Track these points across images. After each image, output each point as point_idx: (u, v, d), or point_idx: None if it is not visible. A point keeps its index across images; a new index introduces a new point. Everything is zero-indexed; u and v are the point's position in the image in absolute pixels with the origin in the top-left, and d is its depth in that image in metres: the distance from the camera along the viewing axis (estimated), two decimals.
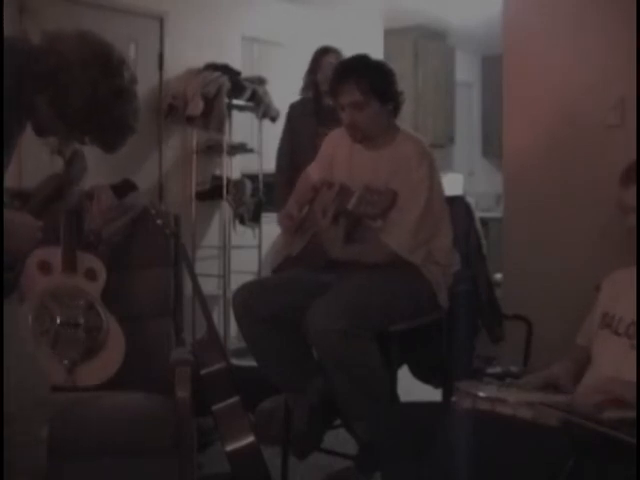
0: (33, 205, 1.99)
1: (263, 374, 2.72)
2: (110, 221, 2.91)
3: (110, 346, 2.65)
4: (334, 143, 2.86)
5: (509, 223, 3.81)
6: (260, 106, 5.32)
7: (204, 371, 2.50)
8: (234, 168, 5.44)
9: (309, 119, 3.98)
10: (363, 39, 6.31)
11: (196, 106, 5.05)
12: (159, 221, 2.78)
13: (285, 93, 4.31)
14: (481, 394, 1.87)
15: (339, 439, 3.09)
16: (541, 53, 3.66)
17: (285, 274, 2.78)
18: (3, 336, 1.86)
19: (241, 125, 5.48)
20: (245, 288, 2.70)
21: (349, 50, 2.86)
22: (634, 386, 1.76)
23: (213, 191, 5.37)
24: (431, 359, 2.89)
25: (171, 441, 2.36)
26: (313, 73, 4.08)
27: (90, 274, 2.77)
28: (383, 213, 2.49)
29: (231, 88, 5.12)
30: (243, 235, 5.45)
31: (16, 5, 4.50)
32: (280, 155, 4.15)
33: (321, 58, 4.07)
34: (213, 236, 5.66)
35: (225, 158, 5.28)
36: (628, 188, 1.96)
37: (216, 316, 5.26)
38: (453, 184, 7.10)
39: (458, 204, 2.98)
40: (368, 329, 2.46)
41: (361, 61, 2.69)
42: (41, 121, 1.91)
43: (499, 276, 3.71)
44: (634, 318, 1.92)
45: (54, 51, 1.84)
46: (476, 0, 6.16)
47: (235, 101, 5.20)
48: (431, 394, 3.02)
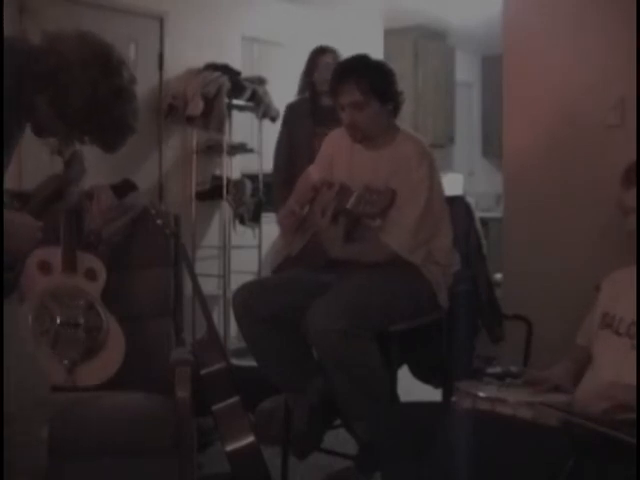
0: (33, 206, 1.99)
1: (263, 374, 2.72)
2: (110, 221, 2.91)
3: (110, 346, 2.65)
4: (334, 143, 2.86)
5: (509, 223, 3.80)
6: (260, 106, 5.31)
7: (204, 371, 2.50)
8: (234, 168, 5.44)
9: (306, 119, 3.96)
10: (363, 39, 6.31)
11: (196, 106, 5.05)
12: (159, 221, 2.79)
13: (285, 93, 4.31)
14: (481, 394, 1.88)
15: (339, 439, 3.09)
16: (541, 53, 3.65)
17: (285, 274, 2.78)
18: (3, 336, 1.86)
19: (241, 125, 5.47)
20: (245, 288, 2.70)
21: (349, 50, 2.85)
22: (634, 390, 1.76)
23: (213, 191, 5.37)
24: (431, 359, 2.89)
25: (171, 441, 2.36)
26: (310, 73, 4.05)
27: (90, 274, 2.77)
28: (382, 212, 2.49)
29: (231, 88, 5.12)
30: (243, 235, 5.45)
31: (16, 5, 4.50)
32: (277, 155, 4.14)
33: (318, 58, 4.04)
34: (213, 236, 5.65)
35: (225, 158, 5.28)
36: (628, 189, 1.96)
37: (216, 316, 5.26)
38: (453, 184, 7.10)
39: (458, 204, 2.98)
40: (368, 329, 2.46)
41: (361, 61, 2.69)
42: (41, 121, 1.91)
43: (499, 276, 3.71)
44: (634, 318, 1.92)
45: (54, 51, 1.84)
46: (476, 0, 6.16)
47: (235, 101, 5.20)
48: (431, 394, 3.02)
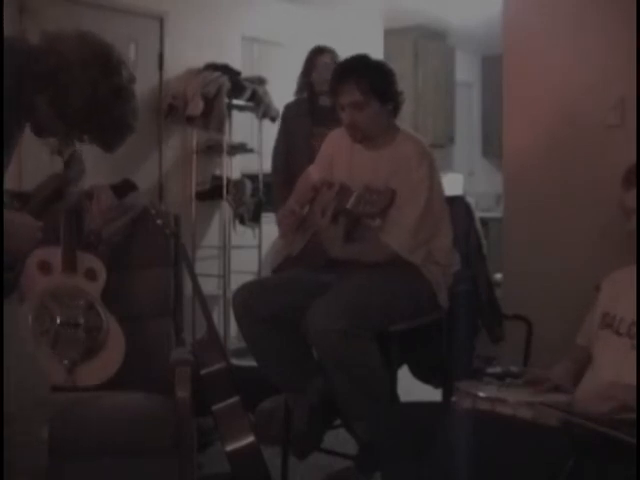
0: (33, 205, 1.99)
1: (263, 374, 2.72)
2: (110, 221, 2.91)
3: (110, 346, 2.65)
4: (334, 143, 2.86)
5: (509, 223, 3.81)
6: (260, 106, 5.31)
7: (204, 371, 2.50)
8: (234, 168, 5.44)
9: (304, 119, 3.96)
10: (363, 39, 6.31)
11: (196, 106, 5.05)
12: (159, 221, 2.78)
13: (285, 93, 4.30)
14: (481, 394, 1.87)
15: (339, 439, 3.09)
16: (541, 53, 3.66)
17: (285, 274, 2.78)
18: (3, 336, 1.86)
19: (241, 125, 5.48)
20: (245, 288, 2.70)
21: (349, 50, 2.85)
22: (635, 390, 1.75)
23: (213, 191, 5.37)
24: (431, 359, 2.89)
25: (171, 441, 2.36)
26: (308, 73, 4.05)
27: (90, 274, 2.77)
28: (382, 212, 2.49)
29: (231, 88, 5.12)
30: (243, 235, 5.45)
31: (16, 5, 4.50)
32: (276, 156, 4.13)
33: (316, 58, 4.03)
34: (213, 236, 5.65)
35: (225, 158, 5.28)
36: (629, 190, 1.95)
37: (216, 316, 5.26)
38: (453, 184, 7.10)
39: (458, 204, 2.98)
40: (368, 329, 2.46)
41: (361, 61, 2.69)
42: (40, 121, 1.91)
43: (499, 276, 3.71)
44: (635, 318, 1.91)
45: (54, 51, 1.84)
46: (476, 0, 6.16)
47: (235, 101, 5.20)
48: (431, 394, 3.02)
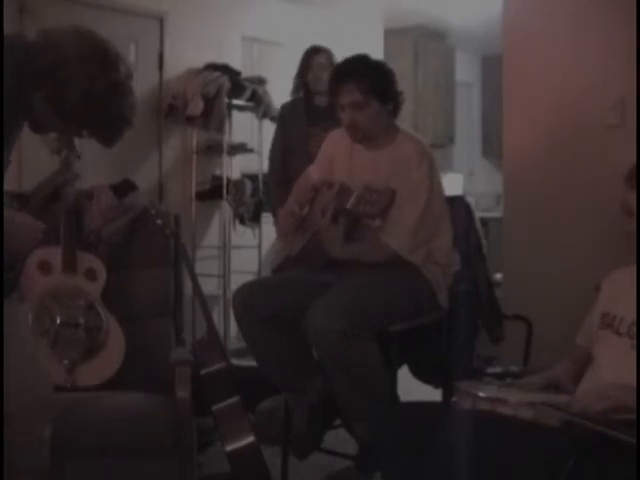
0: (33, 205, 1.99)
1: (263, 374, 2.72)
2: (110, 221, 2.90)
3: (110, 346, 2.64)
4: (334, 143, 2.86)
5: (509, 223, 3.81)
6: (260, 106, 5.31)
7: (204, 371, 2.50)
8: (234, 168, 5.44)
9: (300, 119, 3.95)
10: (363, 39, 6.31)
11: (196, 106, 5.05)
12: (159, 221, 2.78)
13: (285, 93, 4.30)
14: (481, 394, 1.87)
15: (339, 439, 3.08)
16: (541, 53, 3.66)
17: (285, 274, 2.78)
18: (3, 336, 1.86)
19: (241, 125, 5.48)
20: (245, 288, 2.70)
21: (349, 50, 2.85)
22: (634, 391, 1.75)
23: (213, 191, 5.37)
24: (431, 359, 2.89)
25: (171, 441, 2.36)
26: (303, 73, 4.04)
27: (90, 274, 2.77)
28: (382, 212, 2.49)
29: (231, 88, 5.12)
30: (243, 235, 5.45)
31: (16, 5, 4.50)
32: (272, 155, 4.13)
33: (311, 58, 4.03)
34: (213, 236, 5.65)
35: (225, 158, 5.28)
36: (632, 190, 1.95)
37: (216, 316, 5.26)
38: (453, 184, 7.10)
39: (458, 204, 2.98)
40: (368, 329, 2.46)
41: (361, 61, 2.69)
42: (38, 117, 1.91)
43: (499, 276, 3.71)
44: (635, 318, 1.91)
45: (52, 47, 1.84)
46: (476, 0, 6.16)
47: (235, 101, 5.21)
48: (431, 394, 3.02)
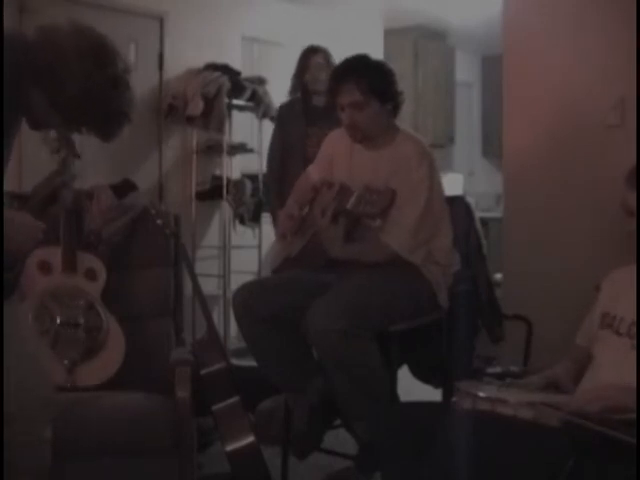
0: (33, 205, 1.99)
1: (263, 374, 2.72)
2: (110, 221, 2.91)
3: (110, 346, 2.64)
4: (334, 143, 2.86)
5: (509, 223, 3.81)
6: (260, 106, 5.32)
7: (204, 371, 2.50)
8: (234, 168, 5.44)
9: (298, 120, 3.96)
10: (363, 39, 6.31)
11: (196, 106, 5.05)
12: (159, 221, 2.79)
13: (285, 93, 4.31)
14: (481, 394, 1.87)
15: (339, 439, 3.08)
16: (541, 53, 3.66)
17: (285, 274, 2.78)
18: (3, 336, 1.86)
19: (241, 125, 5.48)
20: (245, 288, 2.70)
21: (349, 50, 2.85)
22: (634, 392, 1.75)
23: (213, 191, 5.37)
24: (431, 359, 2.88)
25: (171, 441, 2.36)
26: (301, 73, 4.04)
27: (90, 274, 2.77)
28: (382, 212, 2.49)
29: (231, 88, 5.12)
30: (243, 235, 5.45)
31: (16, 5, 4.50)
32: (271, 155, 4.14)
33: (309, 58, 4.03)
34: (213, 236, 5.65)
35: (225, 158, 5.28)
36: (632, 190, 1.95)
37: (216, 316, 5.26)
38: (453, 184, 7.10)
39: (458, 204, 2.98)
40: (368, 329, 2.46)
41: (361, 61, 2.69)
42: (37, 114, 1.91)
43: (499, 276, 3.71)
44: (635, 318, 1.91)
45: (50, 44, 1.84)
46: (476, 0, 6.16)
47: (235, 101, 5.21)
48: (431, 394, 3.02)
